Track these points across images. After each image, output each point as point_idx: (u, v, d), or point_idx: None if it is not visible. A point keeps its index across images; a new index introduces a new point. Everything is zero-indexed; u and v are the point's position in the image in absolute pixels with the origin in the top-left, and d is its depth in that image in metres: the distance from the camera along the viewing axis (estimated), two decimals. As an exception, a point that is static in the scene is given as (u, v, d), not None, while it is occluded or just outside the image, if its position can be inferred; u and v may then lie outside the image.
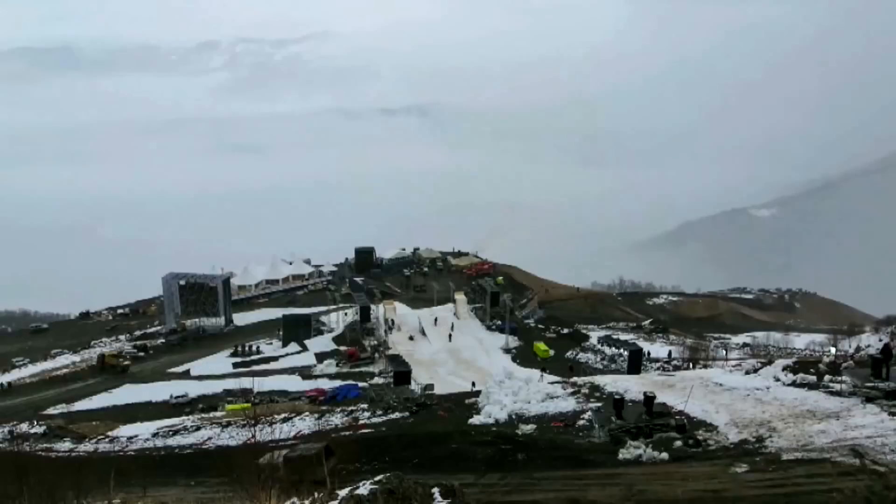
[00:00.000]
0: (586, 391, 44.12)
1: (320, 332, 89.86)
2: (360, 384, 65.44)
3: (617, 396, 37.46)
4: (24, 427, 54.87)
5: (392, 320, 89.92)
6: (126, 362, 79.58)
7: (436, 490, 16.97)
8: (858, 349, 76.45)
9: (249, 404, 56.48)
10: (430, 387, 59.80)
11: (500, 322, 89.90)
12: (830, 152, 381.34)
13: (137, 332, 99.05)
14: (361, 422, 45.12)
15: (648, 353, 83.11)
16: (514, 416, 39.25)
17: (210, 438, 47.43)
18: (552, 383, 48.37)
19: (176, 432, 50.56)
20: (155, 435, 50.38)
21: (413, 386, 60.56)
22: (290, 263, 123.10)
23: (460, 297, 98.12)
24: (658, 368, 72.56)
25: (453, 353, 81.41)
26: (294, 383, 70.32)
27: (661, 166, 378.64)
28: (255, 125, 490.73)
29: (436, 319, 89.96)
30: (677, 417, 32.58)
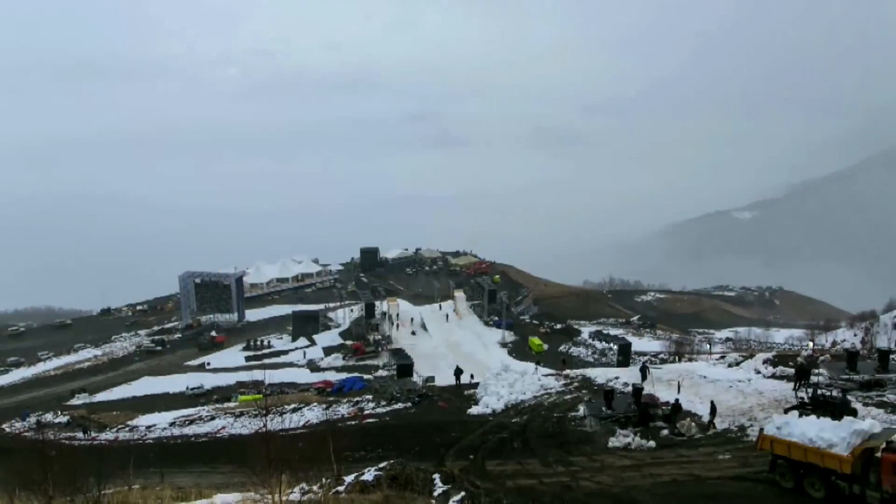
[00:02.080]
0: (578, 383, 44.10)
1: (328, 328, 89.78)
2: (365, 376, 65.35)
3: (607, 388, 37.47)
4: (48, 417, 54.83)
5: (396, 315, 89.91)
6: None
7: (436, 476, 16.98)
8: (835, 343, 76.39)
9: (261, 395, 56.56)
10: (432, 379, 59.71)
11: (496, 318, 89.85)
12: (807, 159, 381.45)
13: (156, 328, 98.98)
14: (366, 412, 45.08)
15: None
16: (510, 407, 39.22)
17: (224, 427, 47.38)
18: (546, 376, 48.34)
19: (192, 422, 50.51)
20: (172, 424, 50.32)
21: (415, 378, 60.48)
22: (300, 262, 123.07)
23: (460, 294, 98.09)
24: (646, 361, 72.37)
25: (453, 346, 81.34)
26: (303, 375, 70.32)
27: (650, 171, 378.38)
28: (266, 130, 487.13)
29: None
30: (664, 408, 32.57)
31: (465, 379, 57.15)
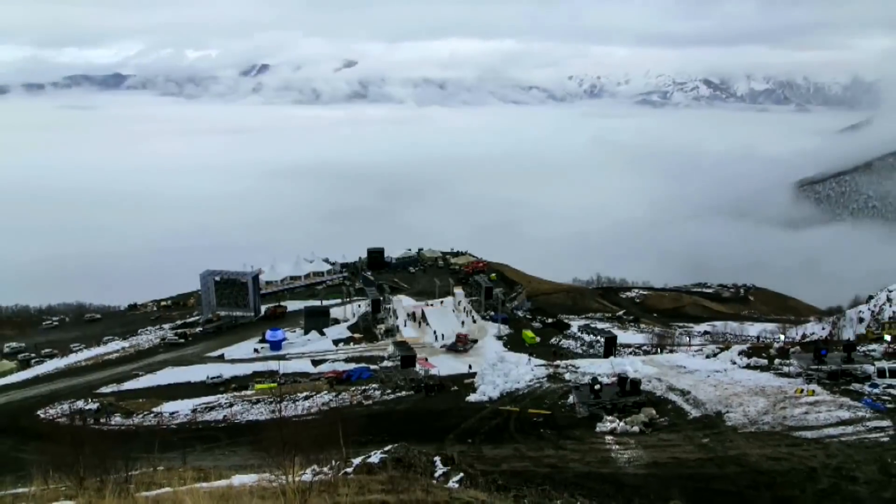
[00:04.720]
0: (568, 373, 44.16)
1: (337, 322, 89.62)
2: (372, 367, 65.28)
3: (594, 377, 37.52)
4: (80, 404, 54.82)
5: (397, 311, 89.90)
6: None
7: (437, 459, 17.02)
8: (804, 336, 76.49)
9: (276, 384, 56.63)
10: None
11: (493, 313, 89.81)
12: (782, 165, 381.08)
13: (178, 322, 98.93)
14: (374, 400, 45.10)
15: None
16: (505, 395, 39.27)
17: (241, 414, 47.45)
18: (538, 366, 48.42)
19: (212, 408, 50.55)
20: (193, 411, 50.34)
21: (417, 368, 60.44)
22: (311, 262, 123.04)
23: (459, 291, 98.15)
24: (630, 353, 72.40)
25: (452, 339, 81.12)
26: (314, 366, 70.11)
27: (637, 176, 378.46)
28: (287, 134, 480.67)
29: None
30: (641, 398, 32.65)
31: (463, 369, 57.25)
